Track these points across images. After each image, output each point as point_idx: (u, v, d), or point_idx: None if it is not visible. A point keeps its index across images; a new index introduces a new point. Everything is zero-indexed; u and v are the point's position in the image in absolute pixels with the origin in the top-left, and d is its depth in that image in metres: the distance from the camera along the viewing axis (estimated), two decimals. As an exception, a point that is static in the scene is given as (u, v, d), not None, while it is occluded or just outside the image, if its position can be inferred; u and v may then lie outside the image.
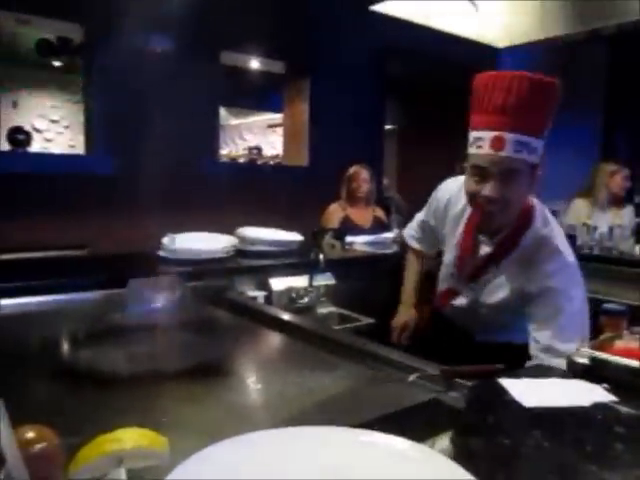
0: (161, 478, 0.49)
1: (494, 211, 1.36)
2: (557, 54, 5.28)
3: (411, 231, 1.93)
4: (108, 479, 0.39)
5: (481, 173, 1.33)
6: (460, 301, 1.60)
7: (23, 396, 0.92)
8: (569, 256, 1.41)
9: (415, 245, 1.91)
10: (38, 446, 0.40)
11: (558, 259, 1.39)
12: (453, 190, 1.62)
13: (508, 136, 1.28)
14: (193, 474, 0.54)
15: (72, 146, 6.45)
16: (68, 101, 6.44)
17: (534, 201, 1.48)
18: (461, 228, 1.56)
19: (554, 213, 4.55)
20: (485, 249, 1.50)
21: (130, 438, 0.42)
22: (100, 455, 0.40)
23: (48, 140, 6.49)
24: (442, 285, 1.69)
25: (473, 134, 1.35)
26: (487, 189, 1.33)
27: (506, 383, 0.94)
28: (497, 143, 1.29)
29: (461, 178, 1.50)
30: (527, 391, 0.91)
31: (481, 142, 1.32)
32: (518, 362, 1.30)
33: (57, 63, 5.99)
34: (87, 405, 0.93)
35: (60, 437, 0.47)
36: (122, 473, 0.40)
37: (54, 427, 0.53)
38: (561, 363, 1.22)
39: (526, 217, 1.44)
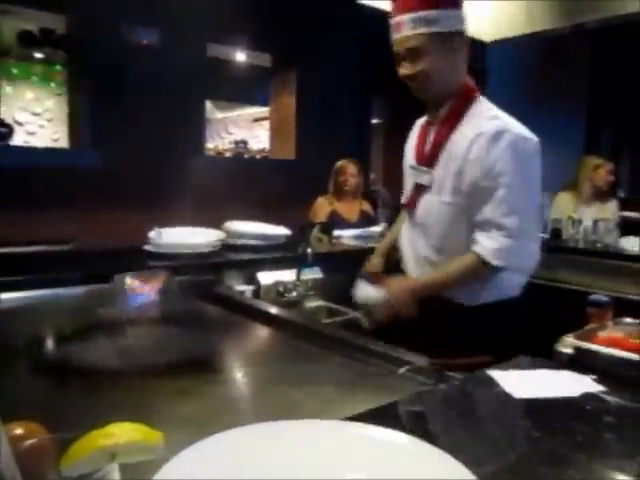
0: (150, 477, 0.48)
1: (416, 87, 1.50)
2: (543, 48, 5.32)
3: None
4: (101, 474, 0.38)
5: (397, 57, 1.49)
6: (423, 204, 1.58)
7: (10, 392, 0.91)
8: (518, 131, 1.43)
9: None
10: (28, 442, 0.40)
11: (502, 133, 1.41)
12: None
13: (403, 18, 1.44)
14: (185, 469, 0.54)
15: (55, 140, 6.36)
16: (51, 94, 6.34)
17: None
18: (416, 130, 1.67)
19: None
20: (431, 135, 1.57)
21: (123, 433, 0.41)
22: (93, 450, 0.39)
23: (30, 133, 6.38)
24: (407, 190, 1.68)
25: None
26: (401, 69, 1.50)
27: (496, 375, 0.95)
28: (397, 27, 1.47)
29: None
30: (517, 382, 0.92)
31: (391, 30, 1.50)
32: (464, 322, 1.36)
33: (39, 55, 5.89)
34: (75, 400, 0.92)
35: (50, 433, 0.47)
36: (115, 468, 0.39)
37: (43, 423, 0.52)
38: (502, 243, 1.37)
39: (468, 92, 1.53)
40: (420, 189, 1.57)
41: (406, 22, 1.44)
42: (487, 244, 1.39)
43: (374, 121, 6.14)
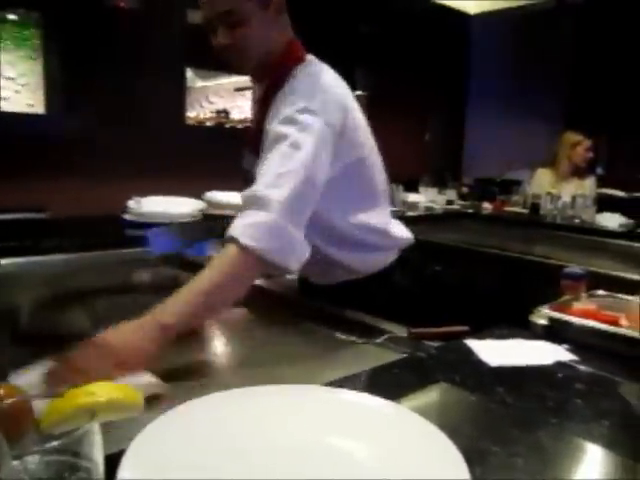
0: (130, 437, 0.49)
1: (237, 58, 1.27)
2: (527, 22, 5.30)
3: None
4: (81, 432, 0.38)
5: (209, 26, 1.25)
6: None
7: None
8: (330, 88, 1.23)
9: None
10: (7, 401, 0.40)
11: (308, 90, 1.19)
12: None
13: None
14: (168, 430, 0.54)
15: (31, 105, 6.17)
16: (25, 57, 6.15)
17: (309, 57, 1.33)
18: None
19: (518, 183, 4.59)
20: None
21: (104, 391, 0.41)
22: (74, 408, 0.39)
23: (4, 99, 6.20)
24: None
25: None
26: (216, 39, 1.25)
27: (472, 344, 0.97)
28: None
29: None
30: (492, 351, 0.94)
31: None
32: None
33: (12, 16, 5.68)
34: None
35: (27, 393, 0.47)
36: (95, 426, 0.39)
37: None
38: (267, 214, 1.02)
39: (291, 54, 1.30)
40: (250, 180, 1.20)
41: None
42: None
43: (357, 93, 6.09)
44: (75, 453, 0.38)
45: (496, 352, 0.94)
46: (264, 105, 1.27)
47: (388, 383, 0.81)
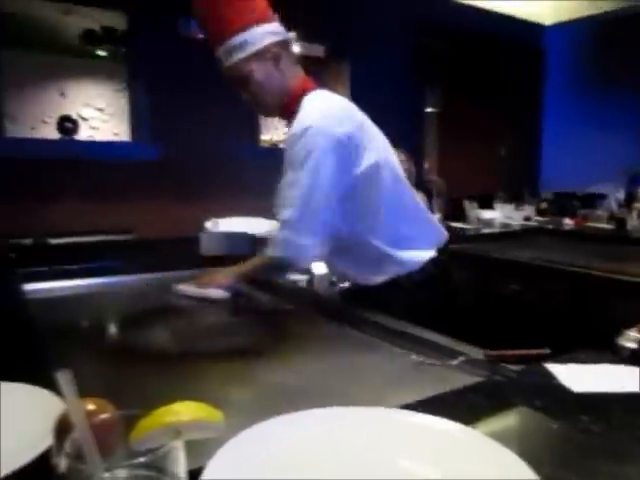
0: (210, 456, 0.51)
1: (261, 108, 1.59)
2: (605, 31, 5.08)
3: None
4: (166, 450, 0.40)
5: (235, 86, 1.54)
6: None
7: (79, 372, 0.96)
8: (324, 124, 1.42)
9: None
10: (100, 417, 0.43)
11: (306, 129, 1.42)
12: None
13: (219, 50, 1.47)
14: (242, 449, 0.56)
15: (116, 134, 6.60)
16: (113, 90, 6.58)
17: (316, 91, 1.55)
18: None
19: (603, 196, 4.37)
20: None
21: (188, 411, 0.43)
22: (159, 426, 0.41)
23: (94, 128, 6.65)
24: None
25: None
26: (244, 96, 1.55)
27: (553, 368, 0.93)
28: (219, 60, 1.50)
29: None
30: (575, 376, 0.90)
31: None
32: None
33: (102, 52, 6.11)
34: (135, 382, 0.97)
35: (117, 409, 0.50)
36: (179, 444, 0.41)
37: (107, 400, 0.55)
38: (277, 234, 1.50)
39: (296, 94, 1.52)
40: None
41: (222, 54, 1.48)
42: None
43: (428, 110, 6.04)
44: (160, 469, 0.41)
45: (580, 377, 0.90)
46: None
47: (464, 407, 0.79)
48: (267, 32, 1.48)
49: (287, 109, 1.53)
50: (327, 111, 1.46)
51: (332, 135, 1.41)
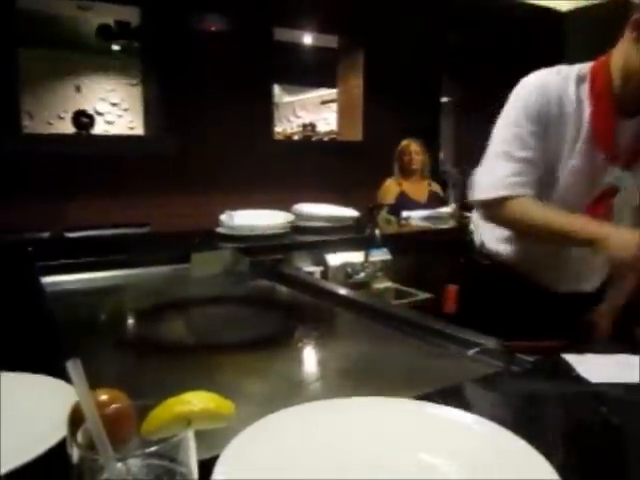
0: (220, 446, 0.51)
1: None
2: (625, 15, 4.97)
3: (513, 178, 1.30)
4: (177, 439, 0.41)
5: None
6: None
7: (95, 363, 0.97)
8: None
9: (528, 192, 1.29)
10: (112, 407, 0.43)
11: None
12: (557, 83, 1.34)
13: None
14: (257, 439, 0.56)
15: (131, 128, 6.65)
16: (127, 84, 6.62)
17: None
18: (586, 117, 1.28)
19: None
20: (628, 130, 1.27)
21: (199, 401, 0.43)
22: (171, 416, 0.42)
23: (109, 122, 6.71)
24: (574, 201, 1.29)
25: None
26: None
27: (571, 359, 0.92)
28: None
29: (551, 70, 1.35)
30: (593, 367, 0.88)
31: None
32: None
33: (116, 47, 6.15)
34: (151, 373, 0.97)
35: (130, 400, 0.50)
36: (190, 434, 0.41)
37: (124, 391, 0.56)
38: None
39: None
40: (612, 192, 1.29)
41: None
42: None
43: (443, 99, 5.98)
44: (172, 459, 0.41)
45: (597, 368, 0.88)
46: None
47: (480, 397, 0.79)
48: None
49: None
50: None
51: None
